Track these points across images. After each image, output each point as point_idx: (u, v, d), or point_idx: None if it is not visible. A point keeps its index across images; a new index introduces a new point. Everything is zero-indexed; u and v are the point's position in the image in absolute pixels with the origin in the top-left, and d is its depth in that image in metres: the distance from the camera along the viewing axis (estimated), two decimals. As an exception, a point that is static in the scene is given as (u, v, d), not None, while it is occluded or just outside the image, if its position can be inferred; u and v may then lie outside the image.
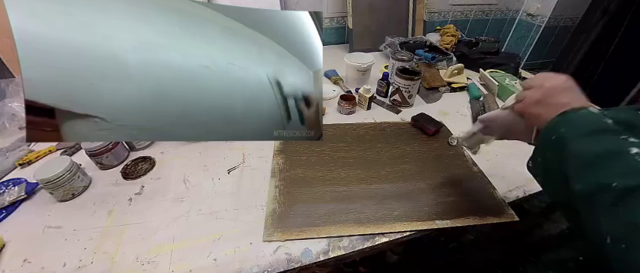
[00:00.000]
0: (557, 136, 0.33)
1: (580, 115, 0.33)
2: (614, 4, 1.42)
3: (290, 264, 0.47)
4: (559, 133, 0.33)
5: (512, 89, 0.93)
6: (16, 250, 0.48)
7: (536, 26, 1.66)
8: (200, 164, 0.66)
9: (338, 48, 1.36)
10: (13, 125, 0.74)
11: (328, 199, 0.58)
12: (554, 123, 0.35)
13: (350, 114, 0.86)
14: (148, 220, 0.53)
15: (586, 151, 0.30)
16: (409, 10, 1.31)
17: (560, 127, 0.33)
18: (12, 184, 0.59)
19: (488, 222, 0.54)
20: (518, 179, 0.65)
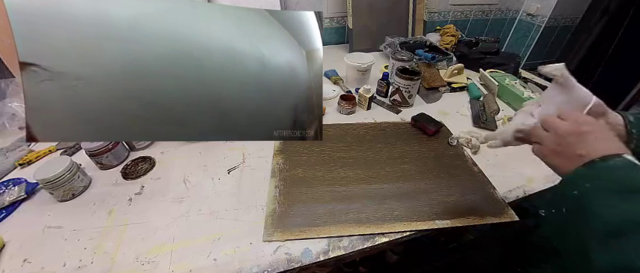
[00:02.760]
0: (579, 191, 0.27)
1: (611, 166, 0.26)
2: (614, 4, 1.43)
3: (290, 264, 0.47)
4: (582, 188, 0.27)
5: (512, 89, 0.92)
6: (16, 250, 0.48)
7: (536, 26, 1.66)
8: (200, 164, 0.66)
9: (338, 48, 1.36)
10: (13, 125, 0.74)
11: (328, 199, 0.58)
12: (577, 175, 0.29)
13: (350, 114, 0.86)
14: (148, 220, 0.53)
15: (614, 215, 0.24)
16: (409, 10, 1.31)
17: (585, 182, 0.27)
18: (12, 184, 0.59)
19: (488, 222, 0.54)
20: (518, 179, 0.65)
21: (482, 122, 0.83)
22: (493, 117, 0.84)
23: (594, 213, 0.25)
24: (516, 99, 0.91)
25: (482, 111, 0.87)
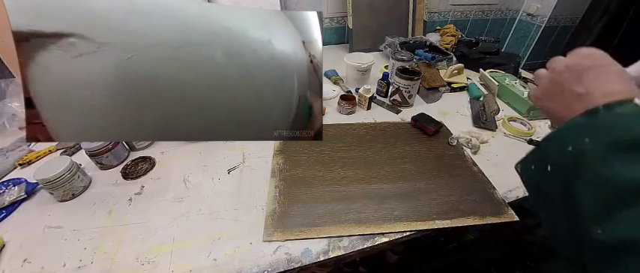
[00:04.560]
0: (574, 147, 0.22)
1: (618, 115, 0.21)
2: (614, 4, 1.43)
3: (290, 264, 0.47)
4: (579, 143, 0.21)
5: (512, 89, 0.92)
6: (16, 250, 0.48)
7: (536, 26, 1.66)
8: (200, 164, 0.66)
9: (338, 48, 1.36)
10: (13, 125, 0.74)
11: (328, 199, 0.58)
12: (574, 126, 0.23)
13: (350, 114, 0.86)
14: (148, 220, 0.53)
15: (624, 178, 0.19)
16: (409, 10, 1.31)
17: (584, 136, 0.21)
18: (12, 184, 0.59)
19: (488, 222, 0.54)
20: (518, 179, 0.64)
21: (483, 122, 0.83)
22: (493, 117, 0.84)
23: (596, 176, 0.20)
24: (516, 99, 0.91)
25: (483, 111, 0.87)
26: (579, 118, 0.23)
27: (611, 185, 0.19)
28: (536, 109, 0.85)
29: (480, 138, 0.75)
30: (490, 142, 0.77)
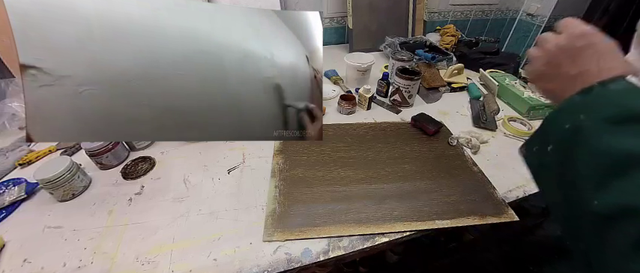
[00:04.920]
0: (571, 124, 0.23)
1: (612, 91, 0.22)
2: (614, 4, 1.43)
3: (290, 264, 0.47)
4: (575, 120, 0.22)
5: (512, 89, 0.92)
6: (16, 250, 0.48)
7: (536, 26, 1.66)
8: (200, 164, 0.66)
9: (338, 48, 1.36)
10: (13, 125, 0.74)
11: (328, 199, 0.58)
12: (570, 104, 0.24)
13: (350, 114, 0.86)
14: (148, 220, 0.53)
15: (616, 149, 0.20)
16: (409, 10, 1.31)
17: (579, 113, 0.22)
18: (12, 184, 0.59)
19: (488, 222, 0.54)
20: (518, 179, 0.65)
21: (483, 122, 0.83)
22: (493, 117, 0.84)
23: (591, 149, 0.21)
24: (516, 99, 0.91)
25: (483, 111, 0.87)
26: (575, 96, 0.24)
27: (604, 157, 0.21)
28: (536, 110, 0.85)
29: (480, 138, 0.75)
30: (490, 142, 0.77)
